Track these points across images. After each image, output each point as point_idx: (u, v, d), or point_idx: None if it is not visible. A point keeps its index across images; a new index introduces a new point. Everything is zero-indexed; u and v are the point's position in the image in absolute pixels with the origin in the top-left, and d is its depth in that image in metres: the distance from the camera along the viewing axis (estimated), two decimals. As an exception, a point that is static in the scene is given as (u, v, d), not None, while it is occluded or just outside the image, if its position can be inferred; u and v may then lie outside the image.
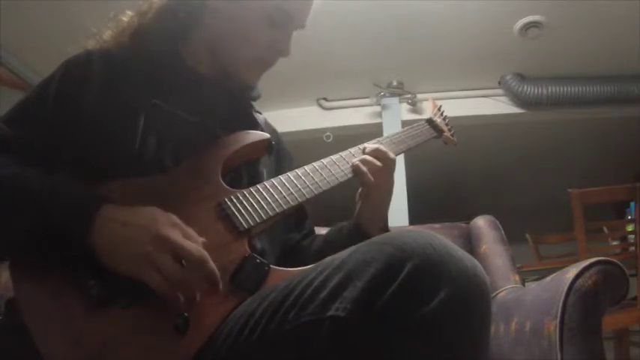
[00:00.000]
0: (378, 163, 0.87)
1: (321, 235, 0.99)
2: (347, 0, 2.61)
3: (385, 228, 0.93)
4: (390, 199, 0.93)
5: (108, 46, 0.85)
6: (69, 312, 0.61)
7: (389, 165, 0.88)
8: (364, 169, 0.86)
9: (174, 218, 0.64)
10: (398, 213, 3.23)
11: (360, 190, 0.91)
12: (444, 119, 1.12)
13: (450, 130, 1.11)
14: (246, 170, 0.84)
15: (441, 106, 1.15)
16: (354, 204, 0.93)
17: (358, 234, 0.89)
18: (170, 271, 0.59)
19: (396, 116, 3.51)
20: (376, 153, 0.88)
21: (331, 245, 0.92)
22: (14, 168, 0.68)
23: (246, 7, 0.82)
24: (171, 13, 0.85)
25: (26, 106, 0.78)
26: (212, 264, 0.62)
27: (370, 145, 0.90)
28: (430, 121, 1.07)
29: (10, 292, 0.65)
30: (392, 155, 0.89)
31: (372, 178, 0.86)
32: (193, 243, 0.62)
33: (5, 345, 0.65)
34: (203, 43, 0.86)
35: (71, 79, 0.78)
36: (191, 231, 0.64)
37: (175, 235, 0.61)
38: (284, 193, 0.78)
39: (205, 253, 0.62)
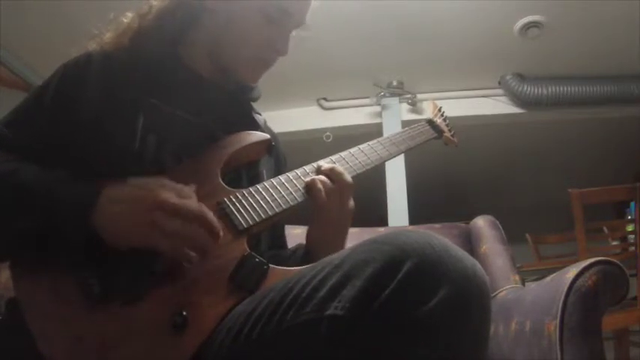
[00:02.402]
0: (331, 185, 0.79)
1: (278, 253, 0.93)
2: (347, 0, 2.61)
3: None
4: (343, 231, 0.84)
5: (108, 47, 0.85)
6: (69, 311, 0.61)
7: (342, 188, 0.79)
8: (319, 186, 0.78)
9: (165, 180, 0.66)
10: (398, 213, 3.24)
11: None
12: (445, 120, 1.12)
13: (450, 130, 1.12)
14: (247, 171, 0.84)
15: (441, 107, 1.15)
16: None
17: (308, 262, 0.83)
18: (175, 231, 0.62)
19: (396, 116, 3.51)
20: (329, 173, 0.80)
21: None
22: (13, 164, 0.69)
23: (244, 6, 0.82)
24: (170, 15, 0.85)
25: (24, 108, 0.78)
26: (211, 215, 0.64)
27: (325, 165, 0.82)
28: (430, 122, 1.07)
29: (10, 292, 0.65)
30: (348, 178, 0.80)
31: (325, 198, 0.78)
32: (188, 199, 0.65)
33: (5, 345, 0.65)
34: (202, 44, 0.86)
35: (69, 79, 0.78)
36: (184, 188, 0.67)
37: (171, 197, 0.63)
38: (284, 193, 0.78)
39: (203, 207, 0.65)
